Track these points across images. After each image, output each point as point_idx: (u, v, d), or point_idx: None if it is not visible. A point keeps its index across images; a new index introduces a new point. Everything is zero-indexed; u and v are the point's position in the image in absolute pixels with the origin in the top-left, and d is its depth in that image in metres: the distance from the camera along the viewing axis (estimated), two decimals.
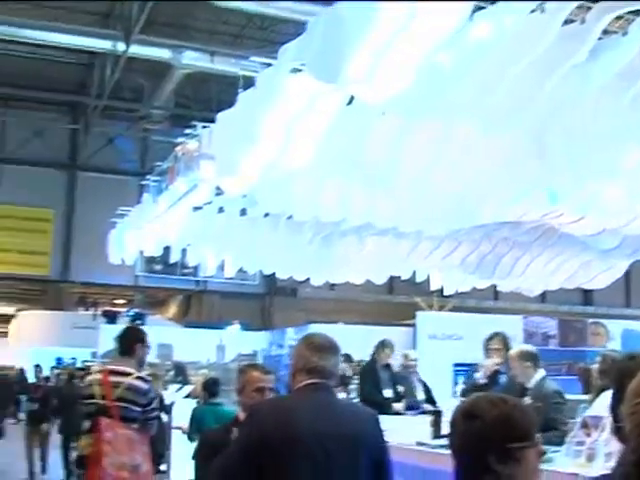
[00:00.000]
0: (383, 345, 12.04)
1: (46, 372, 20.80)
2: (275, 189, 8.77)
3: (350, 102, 6.93)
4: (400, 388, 11.72)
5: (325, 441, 3.78)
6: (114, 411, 6.52)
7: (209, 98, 27.28)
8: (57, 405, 15.93)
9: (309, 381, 3.95)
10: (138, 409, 6.65)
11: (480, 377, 9.04)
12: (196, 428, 10.15)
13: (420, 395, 11.74)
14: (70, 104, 34.11)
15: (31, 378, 22.74)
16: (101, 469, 6.24)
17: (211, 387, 10.72)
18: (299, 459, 3.72)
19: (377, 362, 12.00)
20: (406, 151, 7.40)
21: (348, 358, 14.51)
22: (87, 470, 6.43)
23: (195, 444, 9.99)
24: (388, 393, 11.54)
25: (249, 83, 7.87)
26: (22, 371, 26.73)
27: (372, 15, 5.45)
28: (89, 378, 7.11)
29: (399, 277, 14.16)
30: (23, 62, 29.64)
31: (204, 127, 9.86)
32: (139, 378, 6.82)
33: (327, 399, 3.99)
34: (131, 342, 6.98)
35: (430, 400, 11.62)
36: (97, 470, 6.27)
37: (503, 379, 8.86)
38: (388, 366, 12.06)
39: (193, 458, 10.16)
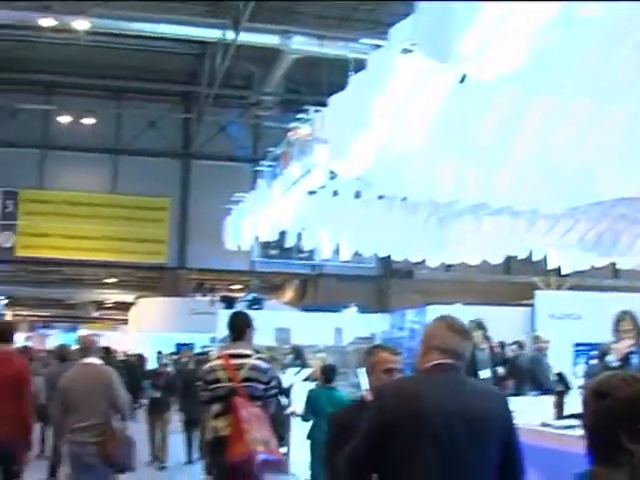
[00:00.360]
0: (477, 326, 11.81)
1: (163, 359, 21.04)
2: (389, 171, 8.75)
3: (462, 80, 6.88)
4: (500, 370, 11.57)
5: (452, 422, 3.74)
6: (241, 391, 6.89)
7: (319, 82, 27.32)
8: (181, 391, 16.19)
9: (439, 361, 3.92)
10: (261, 387, 7.04)
11: (613, 360, 8.84)
12: (311, 410, 10.63)
13: (552, 377, 11.54)
14: (182, 94, 34.81)
15: (153, 364, 23.29)
16: (245, 446, 6.62)
17: (328, 373, 10.99)
18: (426, 440, 3.70)
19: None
20: (521, 128, 7.31)
21: None
22: (228, 449, 6.72)
23: (309, 424, 10.26)
24: (485, 374, 11.36)
25: (360, 65, 7.86)
26: (142, 357, 27.38)
27: None
28: (210, 364, 7.37)
29: (515, 257, 13.99)
30: (136, 55, 30.38)
31: (316, 111, 9.91)
32: (259, 358, 7.26)
33: (455, 379, 3.94)
34: (242, 327, 7.34)
35: (562, 381, 11.44)
36: (241, 447, 6.63)
37: (635, 360, 8.65)
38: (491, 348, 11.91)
39: (308, 438, 10.49)
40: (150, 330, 31.63)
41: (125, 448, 8.23)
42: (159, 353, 17.10)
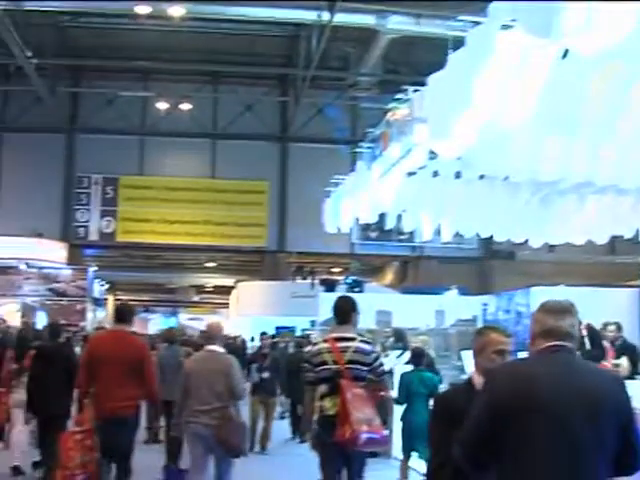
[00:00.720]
0: None
1: (257, 342, 21.07)
2: (491, 150, 8.70)
3: (565, 56, 6.80)
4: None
5: (566, 405, 3.70)
6: (347, 373, 7.24)
7: (417, 61, 27.21)
8: (286, 374, 16.31)
9: (547, 344, 3.89)
10: (365, 369, 7.35)
11: None
12: (404, 393, 10.84)
13: None
14: (279, 77, 35.07)
15: (252, 346, 23.55)
16: (350, 425, 6.98)
17: (417, 357, 11.29)
18: (539, 424, 3.65)
19: None
20: (627, 104, 7.19)
21: None
22: (334, 429, 7.10)
23: (403, 408, 10.72)
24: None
25: (458, 43, 7.83)
26: (243, 341, 27.74)
27: None
28: (317, 347, 7.73)
29: (621, 236, 13.72)
30: (231, 39, 30.71)
31: (415, 91, 9.90)
32: (363, 341, 7.54)
33: (567, 361, 3.89)
34: (347, 311, 7.63)
35: None
36: (347, 427, 6.99)
37: None
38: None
39: (401, 420, 10.63)
40: (250, 314, 31.98)
41: (241, 433, 8.71)
42: (263, 334, 17.12)
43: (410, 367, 11.35)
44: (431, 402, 7.92)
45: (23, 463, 11.35)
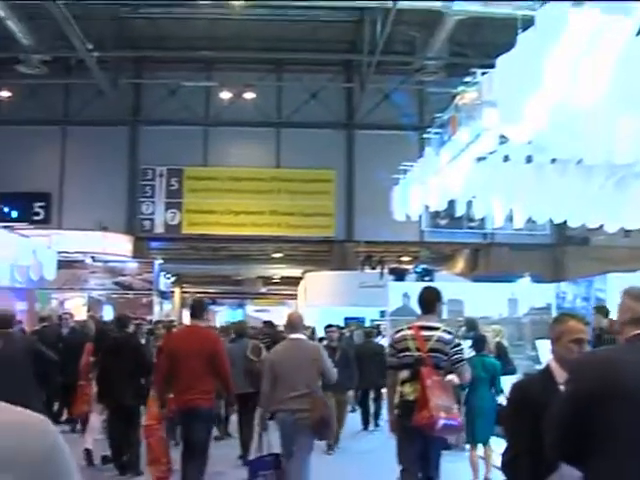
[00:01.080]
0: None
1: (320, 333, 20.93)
2: (563, 133, 8.59)
3: None
4: None
5: None
6: (428, 361, 7.64)
7: (485, 43, 26.91)
8: (356, 364, 16.22)
9: (637, 331, 3.82)
10: (445, 357, 7.75)
11: None
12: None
13: None
14: (343, 63, 34.98)
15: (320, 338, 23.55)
16: (429, 411, 7.35)
17: (479, 343, 11.56)
18: (624, 412, 3.62)
19: None
20: None
21: None
22: (414, 413, 7.46)
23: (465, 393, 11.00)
24: None
25: (527, 23, 7.74)
26: (313, 331, 27.73)
27: None
28: (401, 334, 8.01)
29: None
30: (294, 26, 30.74)
31: (483, 74, 9.83)
32: (445, 331, 7.95)
33: None
34: (432, 301, 8.12)
35: None
36: (425, 412, 7.36)
37: None
38: None
39: (464, 404, 10.86)
40: (318, 304, 31.98)
41: (330, 417, 9.23)
42: (328, 326, 16.67)
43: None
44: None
45: (94, 450, 11.69)
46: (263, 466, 9.11)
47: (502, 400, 10.70)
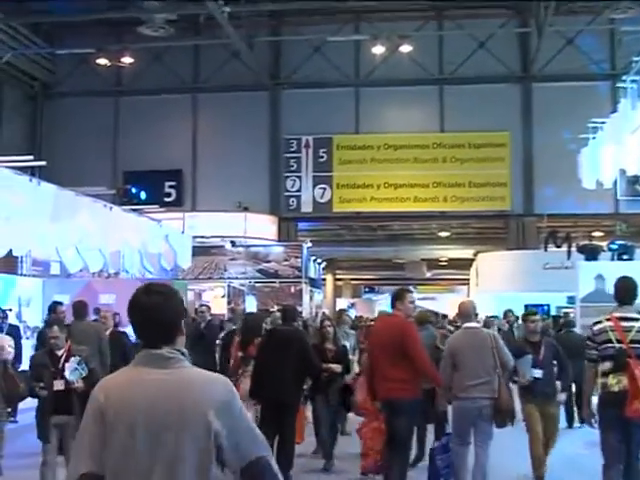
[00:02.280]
0: None
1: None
2: None
3: None
4: None
5: None
6: (631, 352, 8.19)
7: None
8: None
9: None
10: None
11: None
12: None
13: None
14: (516, 5, 33.86)
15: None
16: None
17: None
18: None
19: None
20: None
21: None
22: (625, 404, 8.04)
23: None
24: None
25: None
26: (486, 323, 27.38)
27: None
28: (600, 325, 8.51)
29: None
30: None
31: None
32: None
33: None
34: (631, 292, 8.53)
35: None
36: (637, 403, 8.00)
37: None
38: None
39: None
40: (494, 290, 31.62)
41: (512, 405, 10.09)
42: (508, 311, 15.73)
43: None
44: None
45: None
46: (440, 450, 10.36)
47: None
